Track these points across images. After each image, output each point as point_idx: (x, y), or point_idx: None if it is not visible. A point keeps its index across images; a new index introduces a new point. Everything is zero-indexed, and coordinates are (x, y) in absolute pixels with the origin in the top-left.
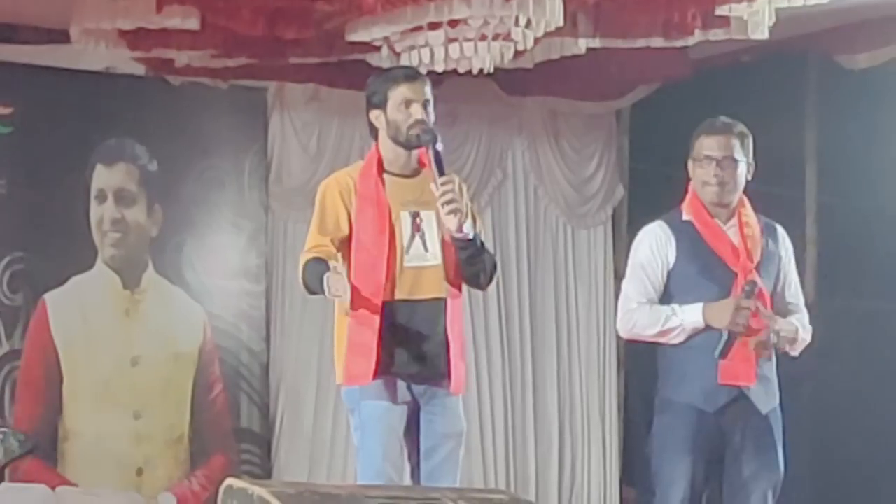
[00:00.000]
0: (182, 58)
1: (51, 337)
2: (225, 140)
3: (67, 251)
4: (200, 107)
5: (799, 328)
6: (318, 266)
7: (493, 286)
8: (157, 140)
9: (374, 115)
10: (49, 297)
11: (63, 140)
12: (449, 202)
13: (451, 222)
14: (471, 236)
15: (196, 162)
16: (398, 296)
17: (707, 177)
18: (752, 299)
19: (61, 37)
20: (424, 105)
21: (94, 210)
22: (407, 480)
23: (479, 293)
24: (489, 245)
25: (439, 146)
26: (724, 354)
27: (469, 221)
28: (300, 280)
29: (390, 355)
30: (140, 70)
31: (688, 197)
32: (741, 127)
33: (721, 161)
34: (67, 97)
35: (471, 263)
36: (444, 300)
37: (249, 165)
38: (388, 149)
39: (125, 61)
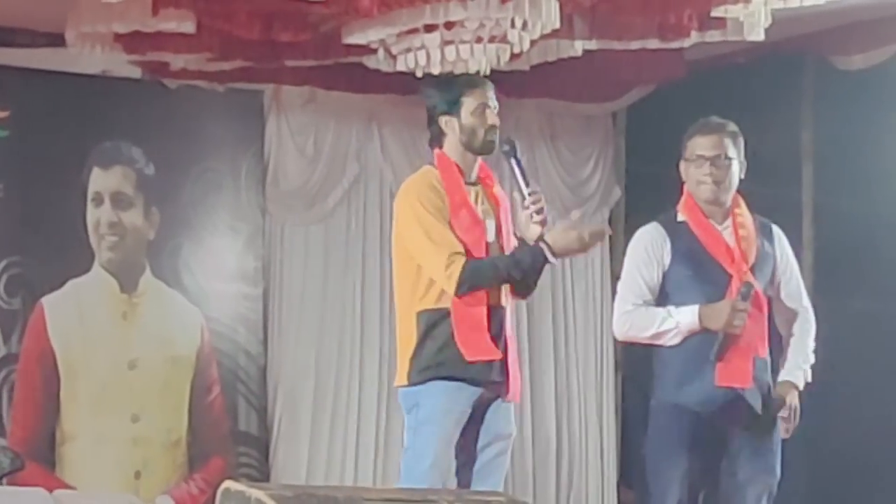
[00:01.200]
0: (178, 61)
1: (48, 340)
2: (221, 143)
3: (64, 254)
4: (197, 110)
5: (800, 386)
6: (494, 261)
7: None
8: (153, 143)
9: (445, 120)
10: (46, 301)
11: (59, 143)
12: (540, 211)
13: (535, 231)
14: (551, 245)
15: (193, 165)
16: None
17: (701, 176)
18: (748, 301)
19: (57, 40)
20: (495, 110)
21: (91, 213)
22: (453, 486)
23: None
24: None
25: (520, 154)
26: (719, 356)
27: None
28: (464, 282)
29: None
30: (136, 73)
31: (683, 198)
32: (732, 126)
33: (714, 160)
34: (64, 100)
35: (537, 274)
36: (504, 308)
37: (246, 168)
38: (458, 155)
39: (121, 64)
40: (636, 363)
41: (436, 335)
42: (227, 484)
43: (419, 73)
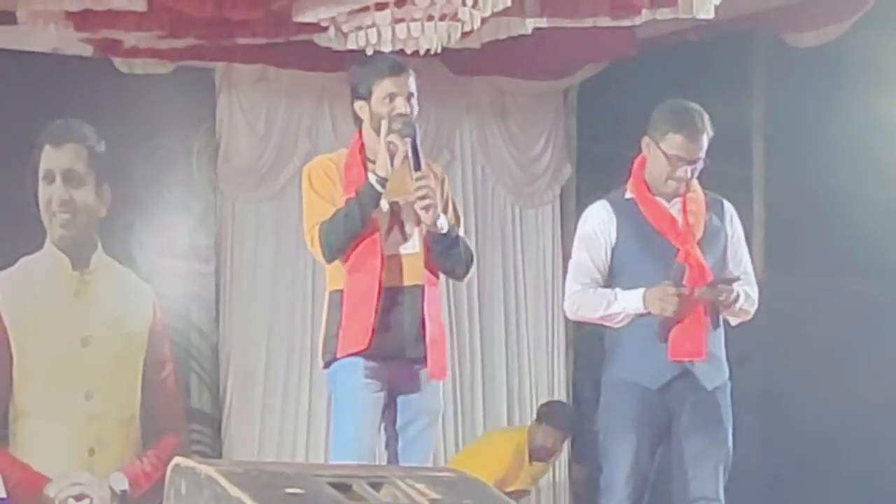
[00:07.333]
0: (130, 39)
1: (0, 318)
2: (173, 121)
3: (16, 232)
4: (148, 87)
5: (741, 294)
6: (344, 210)
7: None
8: (105, 121)
9: (359, 105)
10: None
11: (11, 121)
12: (423, 198)
13: (425, 217)
14: (444, 230)
15: (144, 142)
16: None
17: (672, 174)
18: (681, 284)
19: (8, 18)
20: (408, 98)
21: (43, 191)
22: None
23: None
24: None
25: (418, 140)
26: (662, 338)
27: (443, 216)
28: (323, 245)
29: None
30: (88, 51)
31: (632, 176)
32: (708, 122)
33: (692, 162)
34: (15, 78)
35: (445, 256)
36: (422, 287)
37: (198, 146)
38: (371, 139)
39: (73, 42)
40: (588, 340)
41: (332, 319)
42: (178, 460)
43: (370, 51)
